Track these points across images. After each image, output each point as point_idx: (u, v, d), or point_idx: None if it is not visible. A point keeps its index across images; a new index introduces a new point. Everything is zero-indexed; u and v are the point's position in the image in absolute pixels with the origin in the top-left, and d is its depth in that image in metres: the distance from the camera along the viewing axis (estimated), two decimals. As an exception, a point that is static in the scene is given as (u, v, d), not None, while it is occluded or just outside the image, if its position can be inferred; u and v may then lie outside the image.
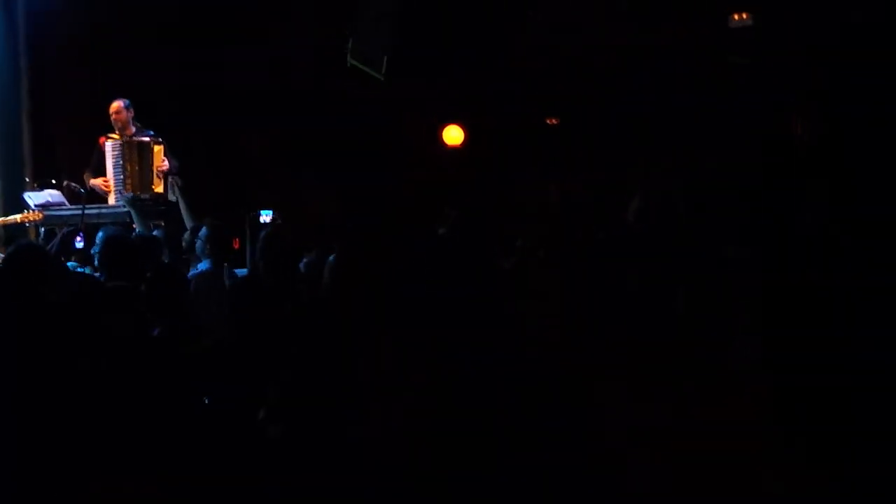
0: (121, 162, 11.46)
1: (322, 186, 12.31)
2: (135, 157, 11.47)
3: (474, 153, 12.52)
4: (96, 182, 11.52)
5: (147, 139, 11.50)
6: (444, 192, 11.56)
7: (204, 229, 8.58)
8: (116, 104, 11.57)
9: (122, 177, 11.48)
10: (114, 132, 11.62)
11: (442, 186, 11.91)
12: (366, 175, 12.29)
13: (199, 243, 8.52)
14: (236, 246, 9.21)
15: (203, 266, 8.38)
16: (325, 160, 12.53)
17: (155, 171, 11.45)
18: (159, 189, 11.46)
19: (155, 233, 10.17)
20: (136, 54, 12.66)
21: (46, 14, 12.85)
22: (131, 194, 11.30)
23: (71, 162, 12.42)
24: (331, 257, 6.88)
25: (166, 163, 11.49)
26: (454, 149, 12.66)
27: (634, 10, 11.65)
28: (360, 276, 6.12)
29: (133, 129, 11.64)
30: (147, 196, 11.37)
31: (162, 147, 11.49)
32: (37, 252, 6.46)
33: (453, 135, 12.71)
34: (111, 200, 11.47)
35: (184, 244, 8.93)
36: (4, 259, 6.43)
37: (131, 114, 11.62)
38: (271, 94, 12.56)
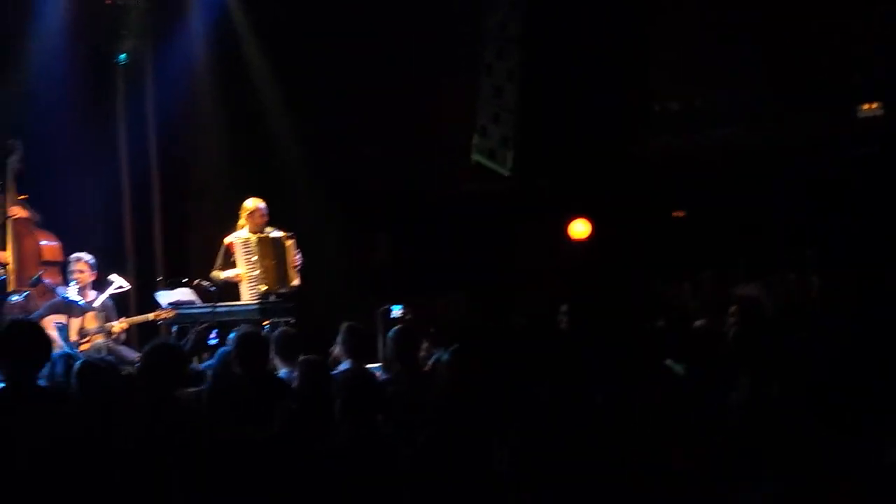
0: (254, 259, 11.49)
1: (448, 283, 12.29)
2: (270, 253, 11.51)
3: (601, 246, 12.44)
4: (229, 275, 11.51)
5: (280, 234, 11.57)
6: (571, 286, 11.67)
7: (342, 332, 8.52)
8: (253, 203, 11.63)
9: (255, 273, 11.49)
10: (238, 232, 11.68)
11: (568, 280, 11.90)
12: (491, 270, 12.28)
13: (338, 347, 8.49)
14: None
15: (344, 367, 8.26)
16: (451, 256, 12.52)
17: (290, 265, 11.52)
18: (296, 282, 11.54)
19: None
20: (265, 152, 12.90)
21: (176, 112, 13.19)
22: (264, 290, 11.36)
23: (201, 262, 12.50)
24: (444, 355, 6.86)
25: (299, 257, 11.56)
26: (580, 242, 12.58)
27: (758, 107, 11.53)
28: (476, 374, 6.19)
29: (267, 229, 11.67)
30: (284, 291, 11.44)
31: (293, 241, 11.57)
32: (173, 351, 6.51)
33: (579, 229, 12.61)
34: (244, 297, 11.48)
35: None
36: (143, 356, 6.48)
37: (266, 217, 11.67)
38: (398, 192, 12.69)
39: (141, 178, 13.53)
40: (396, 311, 9.64)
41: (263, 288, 11.41)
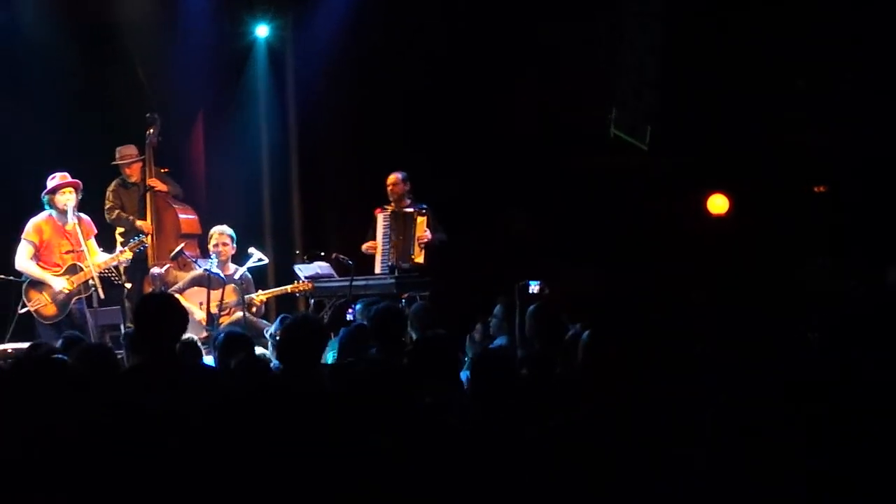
0: (388, 233, 11.63)
1: (585, 260, 12.12)
2: (397, 228, 11.62)
3: (740, 223, 12.24)
4: (367, 245, 11.69)
5: (412, 210, 11.62)
6: (709, 264, 11.56)
7: (498, 307, 8.66)
8: (394, 176, 11.74)
9: (387, 247, 11.64)
10: (389, 204, 11.79)
11: (707, 257, 11.73)
12: (627, 246, 12.16)
13: (494, 321, 8.62)
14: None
15: (500, 342, 8.41)
16: (587, 232, 12.42)
17: (416, 241, 11.55)
18: (419, 259, 11.57)
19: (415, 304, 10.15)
20: (402, 129, 12.91)
21: (315, 89, 13.31)
22: (392, 263, 11.51)
23: (338, 234, 12.89)
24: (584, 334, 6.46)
25: (428, 234, 11.56)
26: (719, 218, 12.36)
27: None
28: (617, 356, 5.69)
29: (407, 202, 11.79)
30: (406, 265, 11.50)
31: (425, 218, 11.59)
32: (314, 325, 6.44)
33: (718, 204, 12.38)
34: (377, 270, 11.63)
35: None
36: (284, 330, 6.44)
37: (407, 186, 11.79)
38: (535, 167, 12.60)
39: (280, 152, 13.68)
40: (533, 286, 9.37)
41: (390, 262, 11.54)
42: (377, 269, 11.63)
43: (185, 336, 6.63)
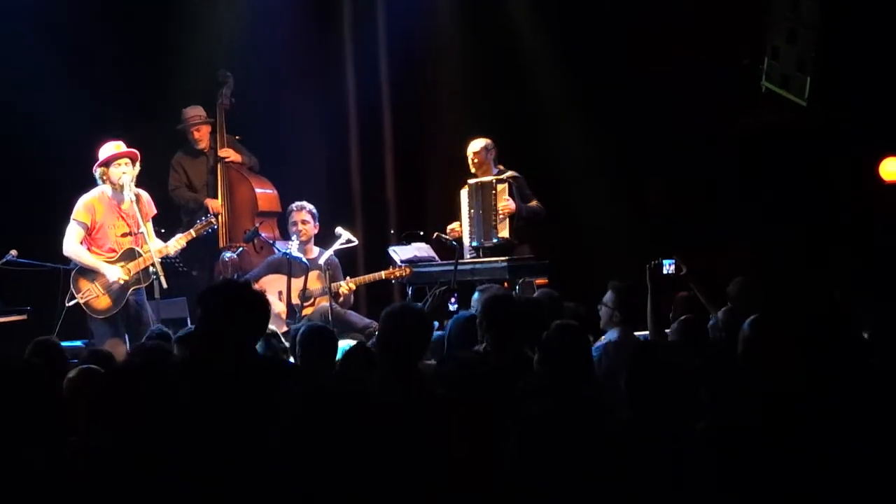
0: (468, 208, 11.14)
1: (729, 233, 11.39)
2: (473, 200, 11.07)
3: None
4: (449, 228, 11.25)
5: (490, 178, 11.00)
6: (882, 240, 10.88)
7: (608, 293, 7.98)
8: (473, 144, 11.16)
9: (470, 224, 11.19)
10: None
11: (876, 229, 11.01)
12: (781, 216, 11.30)
13: (603, 310, 7.91)
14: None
15: (611, 336, 7.70)
16: (730, 201, 11.62)
17: (498, 213, 10.90)
18: (504, 233, 10.93)
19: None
20: (516, 87, 12.43)
21: (411, 42, 12.87)
22: (476, 242, 11.03)
23: (439, 212, 12.17)
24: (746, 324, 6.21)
25: (511, 203, 10.90)
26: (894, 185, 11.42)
27: None
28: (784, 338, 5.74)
29: (495, 171, 11.13)
30: (492, 242, 10.95)
31: (506, 186, 10.95)
32: (416, 316, 6.11)
33: (891, 169, 11.33)
34: (466, 252, 11.14)
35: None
36: (383, 322, 6.11)
37: (492, 155, 11.12)
38: (668, 129, 11.81)
39: (370, 117, 13.23)
40: (668, 265, 8.62)
41: (476, 241, 11.11)
42: (466, 252, 11.12)
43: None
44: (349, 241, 10.84)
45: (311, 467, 4.33)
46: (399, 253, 11.00)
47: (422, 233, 11.22)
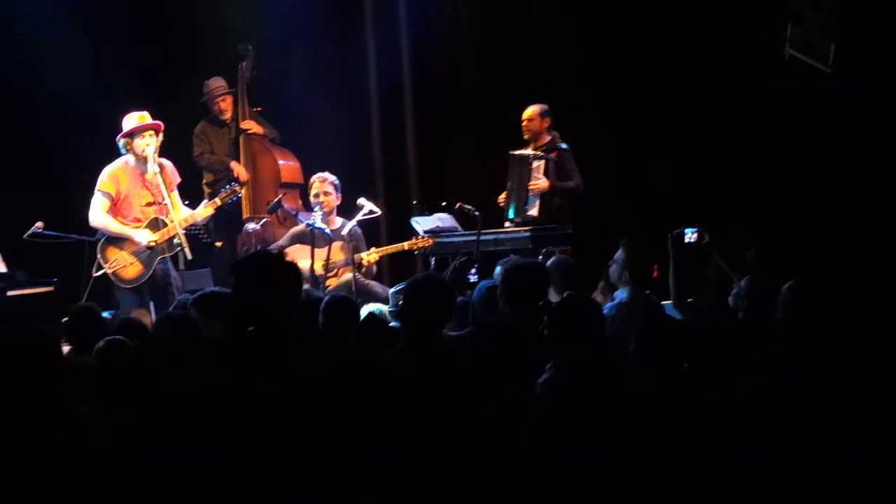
0: (509, 180, 11.09)
1: (751, 202, 11.26)
2: (511, 173, 10.98)
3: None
4: (501, 198, 11.13)
5: (528, 153, 10.88)
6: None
7: (619, 251, 7.95)
8: (529, 110, 10.97)
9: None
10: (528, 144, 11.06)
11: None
12: (803, 190, 11.07)
13: (613, 268, 7.92)
14: (656, 275, 8.29)
15: (620, 296, 7.67)
16: (750, 172, 11.46)
17: (530, 189, 10.88)
18: (533, 212, 10.91)
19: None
20: (541, 55, 12.28)
21: (433, 10, 12.81)
22: (513, 215, 10.98)
23: (461, 180, 12.30)
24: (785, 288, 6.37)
25: (543, 182, 10.83)
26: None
27: None
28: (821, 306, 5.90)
29: (547, 140, 10.98)
30: (521, 219, 10.87)
31: (542, 164, 10.86)
32: (440, 286, 6.09)
33: None
34: (507, 223, 11.08)
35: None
36: (406, 291, 6.17)
37: (546, 122, 10.97)
38: (690, 97, 11.59)
39: (391, 86, 13.08)
40: (690, 233, 8.50)
41: (510, 214, 11.02)
42: (507, 223, 11.09)
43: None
44: (371, 211, 10.79)
45: (336, 437, 4.34)
46: (421, 223, 10.97)
47: (444, 203, 11.15)
